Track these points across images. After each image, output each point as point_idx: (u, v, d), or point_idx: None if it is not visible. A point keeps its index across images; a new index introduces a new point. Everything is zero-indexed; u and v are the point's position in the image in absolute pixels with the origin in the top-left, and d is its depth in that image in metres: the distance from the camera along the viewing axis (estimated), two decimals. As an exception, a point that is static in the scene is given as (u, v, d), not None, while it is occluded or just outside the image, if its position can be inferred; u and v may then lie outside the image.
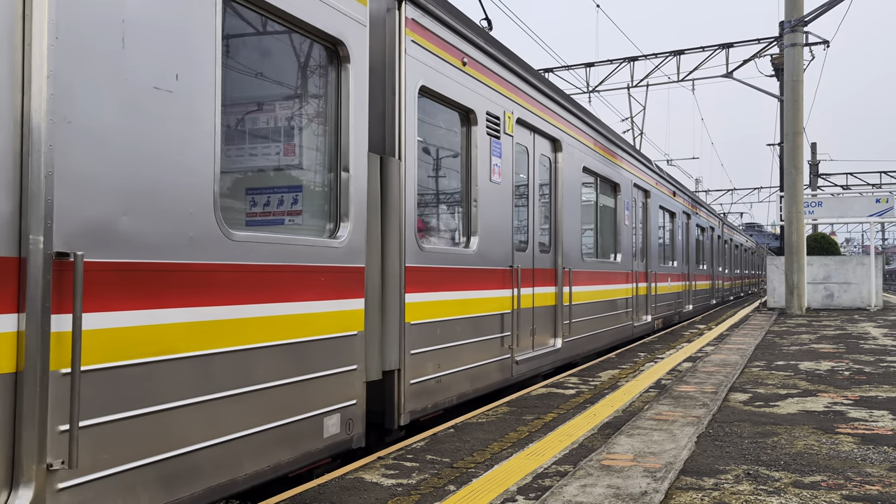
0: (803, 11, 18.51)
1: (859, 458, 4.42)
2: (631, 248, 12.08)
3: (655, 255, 14.06)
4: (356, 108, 4.60)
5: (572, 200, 9.02)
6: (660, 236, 14.97)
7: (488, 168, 6.60)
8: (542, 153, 8.24)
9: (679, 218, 17.08)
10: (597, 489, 3.77)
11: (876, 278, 20.74)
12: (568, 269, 8.62)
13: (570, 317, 8.62)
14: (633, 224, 12.45)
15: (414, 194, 5.39)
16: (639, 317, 12.66)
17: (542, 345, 8.03)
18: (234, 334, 3.58)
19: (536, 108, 7.89)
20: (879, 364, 8.82)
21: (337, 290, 4.38)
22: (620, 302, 11.31)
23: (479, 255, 6.39)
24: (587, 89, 27.52)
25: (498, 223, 6.80)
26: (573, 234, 8.99)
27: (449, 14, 5.99)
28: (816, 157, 39.65)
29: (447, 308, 5.82)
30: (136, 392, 3.04)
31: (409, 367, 5.23)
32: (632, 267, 12.06)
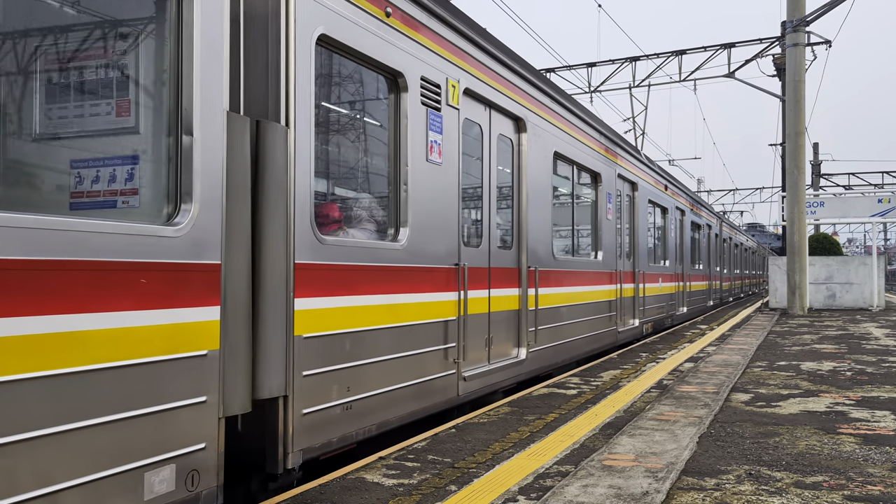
0: (805, 11, 18.50)
1: (861, 458, 4.42)
2: (615, 246, 11.01)
3: (644, 254, 13.14)
4: (205, 51, 3.48)
5: (541, 190, 7.94)
6: (649, 233, 13.99)
7: (424, 145, 5.51)
8: (502, 133, 7.14)
9: (672, 214, 16.11)
10: (598, 489, 3.76)
11: (878, 279, 20.71)
12: (534, 269, 7.54)
13: (536, 323, 7.56)
14: (618, 219, 11.42)
15: (309, 172, 4.25)
16: (624, 321, 11.66)
17: (502, 356, 6.95)
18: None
19: (492, 78, 6.78)
20: (881, 364, 8.81)
21: (169, 295, 3.25)
22: (602, 305, 10.21)
23: (410, 250, 5.29)
24: (589, 89, 27.51)
25: (438, 213, 5.70)
26: (542, 229, 7.92)
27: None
28: (818, 157, 39.64)
29: (363, 316, 4.70)
30: None
31: (300, 393, 4.09)
32: (616, 266, 10.99)
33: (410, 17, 5.39)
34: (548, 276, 8.03)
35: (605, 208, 10.55)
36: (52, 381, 2.74)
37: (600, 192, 10.42)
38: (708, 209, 22.85)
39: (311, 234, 4.26)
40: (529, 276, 7.47)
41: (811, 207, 21.38)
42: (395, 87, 5.33)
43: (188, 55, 3.44)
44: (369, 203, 5.47)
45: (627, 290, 11.80)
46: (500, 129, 7.07)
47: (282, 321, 3.99)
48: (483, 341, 6.55)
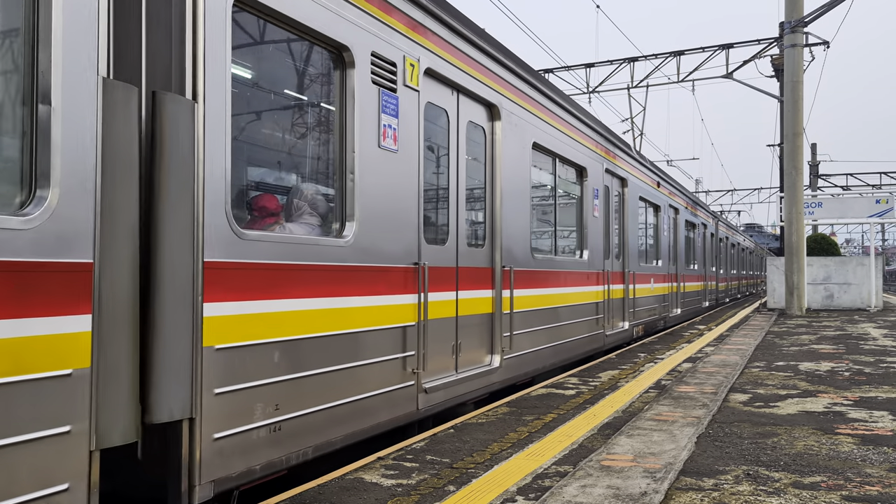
0: (803, 12, 18.52)
1: (859, 458, 4.42)
2: (602, 245, 10.38)
3: (635, 253, 12.51)
4: (70, 2, 2.91)
5: (518, 184, 7.32)
6: (640, 232, 13.36)
7: (375, 130, 4.89)
8: (473, 120, 6.54)
9: (665, 212, 15.43)
10: (596, 490, 3.77)
11: (876, 279, 20.74)
12: (509, 269, 6.94)
13: (512, 327, 6.95)
14: (606, 217, 10.83)
15: (224, 155, 3.62)
16: (613, 324, 11.04)
17: (471, 364, 6.37)
18: None
19: (459, 59, 6.17)
20: (879, 365, 8.82)
21: (16, 302, 2.68)
22: (587, 307, 9.60)
23: (358, 247, 4.66)
24: (587, 90, 27.52)
25: (393, 206, 5.08)
26: (519, 227, 7.31)
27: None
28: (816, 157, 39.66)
29: (298, 322, 4.11)
30: None
31: (211, 414, 3.48)
32: (603, 266, 10.38)
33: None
34: (525, 276, 7.48)
35: (592, 205, 9.97)
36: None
37: (586, 187, 9.83)
38: (703, 208, 22.35)
39: (227, 227, 3.61)
40: (504, 276, 6.90)
41: (809, 208, 21.40)
42: (340, 62, 4.67)
43: (46, 6, 2.84)
44: (314, 195, 4.75)
45: (616, 292, 11.24)
46: (470, 116, 6.47)
47: (186, 330, 3.36)
48: (450, 348, 5.99)
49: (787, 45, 18.66)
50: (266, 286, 3.89)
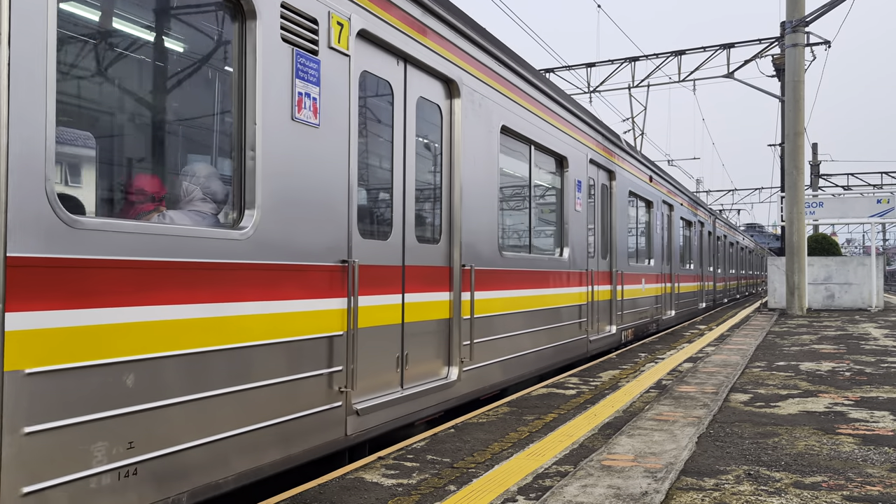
0: (804, 12, 18.51)
1: (860, 458, 4.42)
2: (586, 242, 9.59)
3: (624, 252, 11.66)
4: None
5: (483, 172, 6.52)
6: (630, 229, 12.53)
7: (287, 98, 4.06)
8: (425, 97, 5.73)
9: (658, 208, 14.57)
10: (597, 489, 3.76)
11: (877, 279, 20.73)
12: (470, 268, 6.16)
13: (473, 335, 6.19)
14: (591, 212, 10.03)
15: (44, 111, 2.80)
16: (598, 328, 10.20)
17: (424, 378, 5.59)
18: None
19: (406, 23, 5.29)
20: (880, 365, 8.82)
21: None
22: (568, 311, 8.81)
23: (260, 241, 3.84)
24: (588, 89, 27.52)
25: (311, 191, 4.24)
26: (484, 220, 6.53)
27: None
28: (817, 157, 39.68)
29: (164, 335, 3.29)
30: None
31: (20, 461, 2.71)
32: (587, 266, 9.59)
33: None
34: (491, 276, 6.68)
35: (574, 198, 9.11)
36: None
37: (567, 178, 8.96)
38: (700, 205, 21.57)
39: (47, 212, 2.81)
40: (464, 276, 6.09)
41: (810, 208, 21.39)
42: (238, 12, 3.87)
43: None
44: (208, 176, 3.98)
45: (603, 293, 10.40)
46: (421, 91, 5.65)
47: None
48: (394, 361, 5.16)
49: (789, 44, 18.65)
50: (117, 290, 3.08)
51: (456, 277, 6.05)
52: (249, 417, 3.76)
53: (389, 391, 5.12)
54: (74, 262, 2.93)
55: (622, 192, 11.68)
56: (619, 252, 11.30)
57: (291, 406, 4.07)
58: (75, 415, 2.91)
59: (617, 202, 11.31)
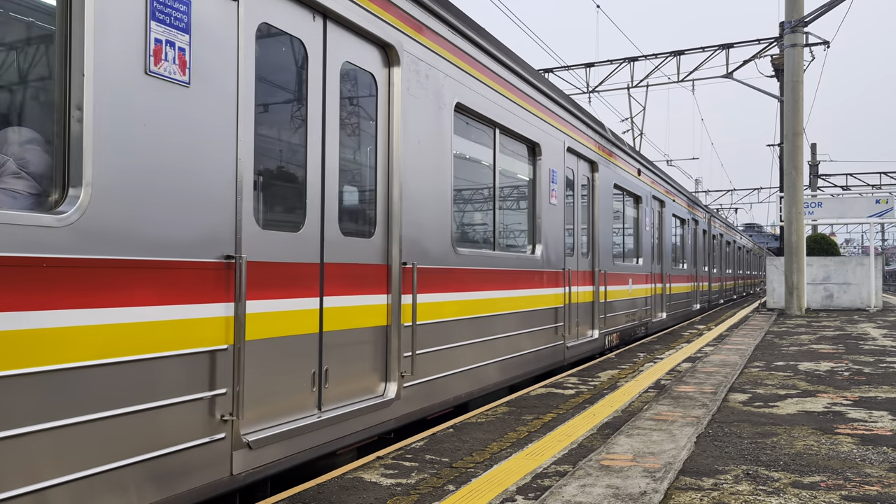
0: (803, 12, 18.52)
1: (858, 458, 4.42)
2: (562, 239, 8.70)
3: (608, 250, 10.73)
4: None
5: (430, 152, 5.62)
6: (616, 226, 11.63)
7: (139, 45, 3.21)
8: (353, 62, 4.83)
9: (647, 204, 13.61)
10: (596, 489, 3.77)
11: (875, 279, 20.75)
12: (412, 266, 5.24)
13: (415, 345, 5.29)
14: (571, 206, 9.20)
15: None
16: (578, 333, 9.36)
17: (350, 398, 4.67)
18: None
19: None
20: (879, 365, 8.83)
21: None
22: (541, 315, 7.93)
23: (90, 229, 2.98)
24: (587, 89, 27.53)
25: (176, 166, 3.39)
26: (432, 211, 5.64)
27: None
28: (816, 157, 39.71)
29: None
30: None
31: None
32: (564, 265, 8.73)
33: None
34: (442, 276, 5.80)
35: (548, 190, 8.24)
36: None
37: (540, 168, 8.06)
38: (694, 202, 20.48)
39: None
40: (405, 276, 5.21)
41: (809, 208, 21.41)
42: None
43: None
44: (20, 144, 3.15)
45: (584, 295, 9.55)
46: (348, 55, 4.77)
47: None
48: (307, 379, 4.26)
49: (787, 44, 18.66)
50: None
51: (395, 277, 5.13)
52: (91, 458, 2.97)
53: (299, 416, 4.19)
54: None
55: (606, 185, 10.72)
56: (602, 250, 10.41)
57: (155, 441, 3.25)
58: None
59: (600, 196, 10.38)
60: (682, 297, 17.32)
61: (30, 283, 2.74)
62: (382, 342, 5.06)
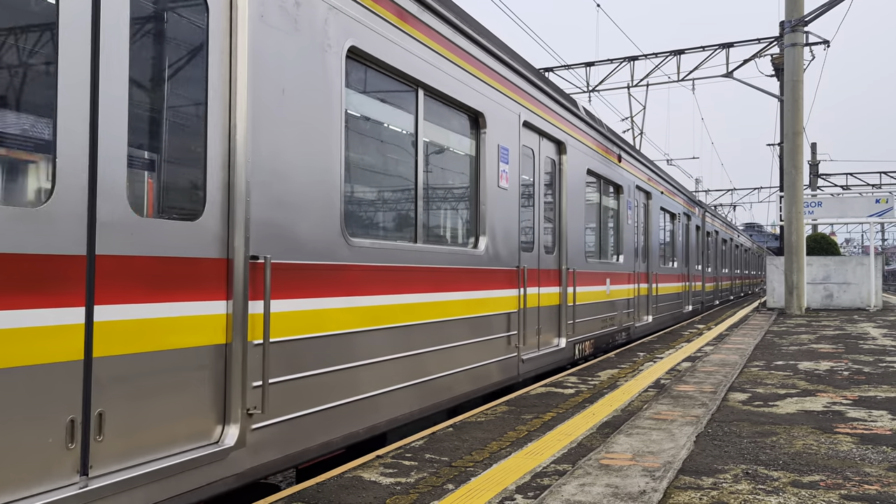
0: (804, 11, 18.52)
1: (858, 457, 4.42)
2: (517, 231, 7.30)
3: (579, 246, 9.35)
4: None
5: (302, 110, 4.20)
6: (591, 218, 10.31)
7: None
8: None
9: (630, 195, 12.29)
10: (595, 488, 3.77)
11: (875, 279, 20.76)
12: (265, 261, 3.81)
13: (270, 370, 3.91)
14: (529, 192, 7.84)
15: None
16: (539, 342, 7.96)
17: (152, 451, 3.24)
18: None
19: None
20: (878, 364, 8.83)
21: None
22: (485, 322, 6.53)
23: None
24: (587, 89, 27.53)
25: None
26: (304, 186, 4.22)
27: None
28: (816, 157, 39.73)
29: None
30: None
31: None
32: (519, 262, 7.31)
33: None
34: (321, 275, 4.35)
35: (496, 170, 6.84)
36: None
37: (486, 143, 6.63)
38: (686, 196, 19.10)
39: None
40: (254, 274, 3.79)
41: (809, 207, 21.42)
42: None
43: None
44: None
45: (547, 297, 8.23)
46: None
47: None
48: (59, 431, 2.82)
49: (788, 44, 18.67)
50: None
51: (238, 277, 3.70)
52: None
53: (42, 490, 2.76)
54: None
55: (577, 170, 9.27)
56: (571, 246, 9.01)
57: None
58: None
59: (569, 183, 8.93)
60: (671, 299, 15.97)
61: None
62: (218, 369, 3.63)
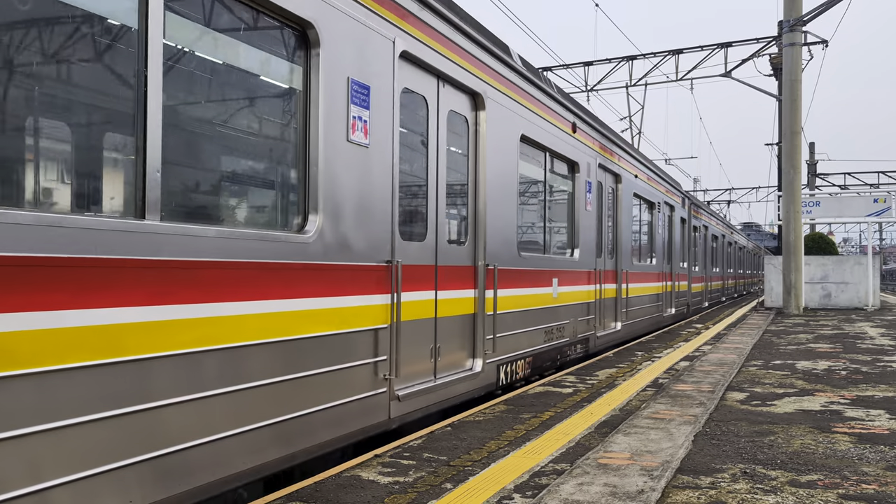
0: (802, 11, 18.53)
1: (856, 457, 4.43)
2: (390, 212, 5.14)
3: (508, 237, 7.08)
4: None
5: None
6: (530, 202, 8.24)
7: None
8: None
9: (589, 175, 9.89)
10: (594, 487, 3.77)
11: (873, 278, 20.78)
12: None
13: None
14: (416, 157, 5.72)
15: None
16: (443, 366, 5.93)
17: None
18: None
19: None
20: (876, 364, 8.84)
21: None
22: (317, 346, 4.32)
23: None
24: (586, 88, 27.53)
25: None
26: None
27: None
28: (814, 156, 39.81)
29: None
30: None
31: None
32: (393, 256, 5.13)
33: None
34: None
35: (343, 116, 4.66)
36: None
37: (320, 69, 4.45)
38: (671, 184, 16.77)
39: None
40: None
41: (807, 207, 21.43)
42: None
43: None
44: None
45: (451, 304, 6.06)
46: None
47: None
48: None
49: (786, 43, 18.67)
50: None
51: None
52: None
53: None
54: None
55: (503, 134, 7.01)
56: (494, 236, 6.77)
57: None
58: None
59: (490, 150, 6.64)
60: (647, 301, 13.76)
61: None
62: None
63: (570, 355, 9.18)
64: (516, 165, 7.37)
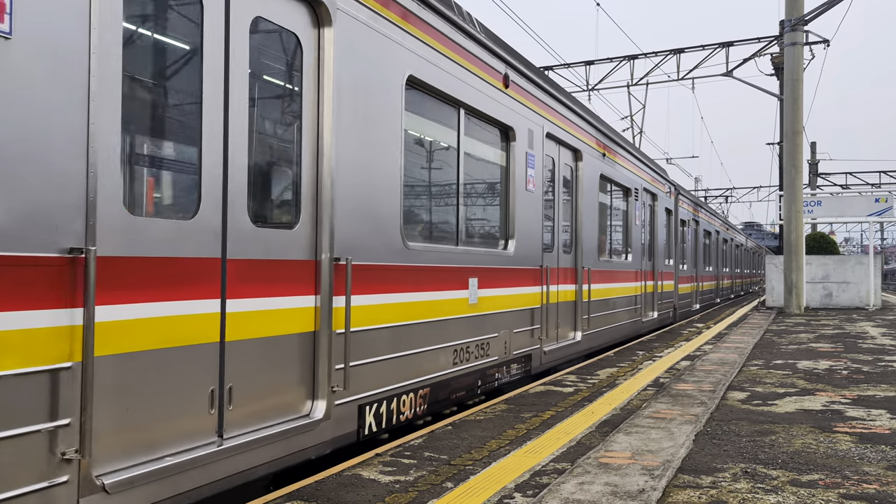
0: (804, 10, 18.52)
1: (857, 456, 4.43)
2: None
3: (380, 214, 5.05)
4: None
5: None
6: (417, 169, 6.00)
7: None
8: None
9: (530, 146, 7.84)
10: (594, 487, 3.77)
11: (874, 278, 20.76)
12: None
13: None
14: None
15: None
16: (264, 411, 3.95)
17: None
18: None
19: None
20: (877, 363, 8.83)
21: None
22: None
23: None
24: (587, 87, 27.51)
25: None
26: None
27: None
28: (816, 156, 39.77)
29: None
30: None
31: None
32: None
33: None
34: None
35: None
36: None
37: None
38: (652, 169, 14.72)
39: None
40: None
41: (808, 206, 21.43)
42: None
43: None
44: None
45: (270, 319, 4.04)
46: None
47: None
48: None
49: (787, 43, 18.66)
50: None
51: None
52: None
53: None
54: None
55: (370, 64, 4.90)
56: (354, 218, 4.74)
57: None
58: None
59: (352, 94, 4.69)
60: (620, 305, 11.71)
61: None
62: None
63: (500, 378, 7.12)
64: (398, 117, 5.29)
